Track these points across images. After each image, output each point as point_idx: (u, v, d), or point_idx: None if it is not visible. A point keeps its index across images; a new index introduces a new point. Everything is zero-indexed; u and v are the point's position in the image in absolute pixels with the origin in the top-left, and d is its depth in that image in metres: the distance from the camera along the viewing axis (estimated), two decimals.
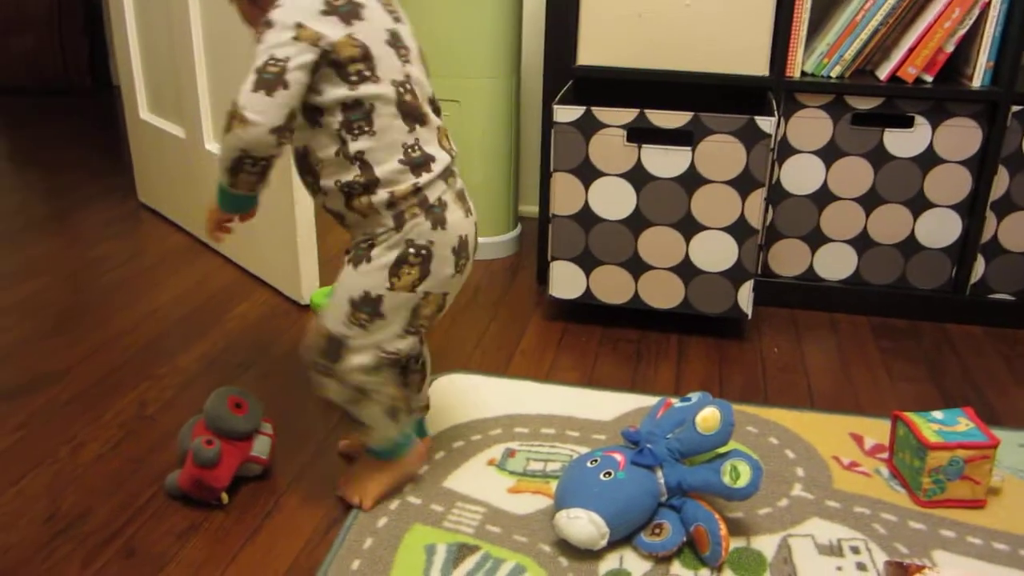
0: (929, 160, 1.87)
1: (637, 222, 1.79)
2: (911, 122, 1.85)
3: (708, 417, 1.24)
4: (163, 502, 1.31)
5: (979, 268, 1.94)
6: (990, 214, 1.89)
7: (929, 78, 1.85)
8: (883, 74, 1.86)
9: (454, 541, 1.23)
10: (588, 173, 1.78)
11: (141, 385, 1.64)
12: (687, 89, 1.88)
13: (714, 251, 1.78)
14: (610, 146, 1.75)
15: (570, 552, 1.21)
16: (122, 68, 2.53)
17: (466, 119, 2.15)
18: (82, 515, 1.28)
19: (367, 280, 1.17)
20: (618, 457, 1.25)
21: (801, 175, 1.93)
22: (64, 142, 3.32)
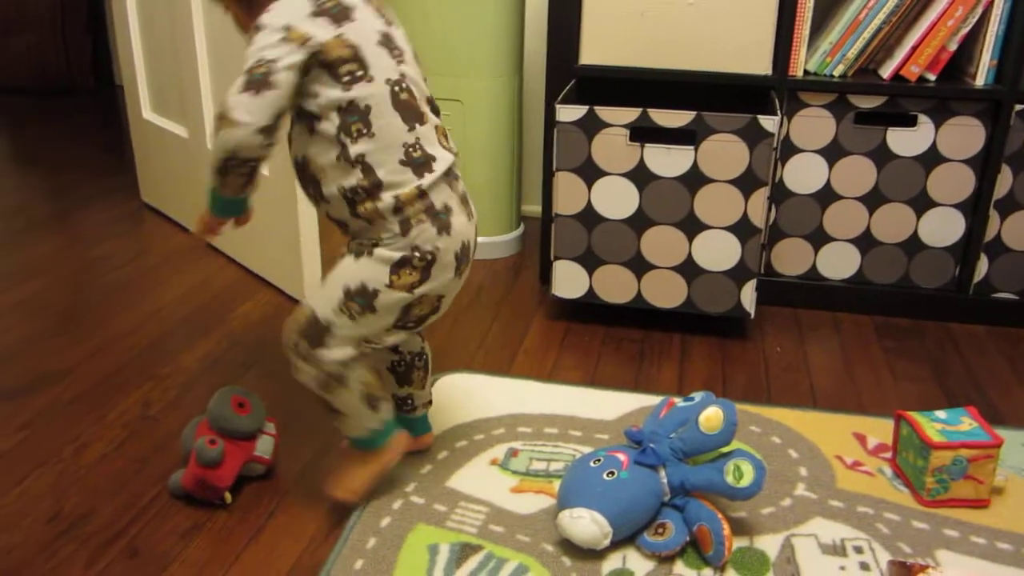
0: (932, 159, 1.87)
1: (640, 221, 1.79)
2: (914, 121, 1.85)
3: (711, 416, 1.24)
4: (166, 502, 1.31)
5: (982, 267, 1.93)
6: (993, 213, 1.89)
7: (932, 77, 1.85)
8: (886, 73, 1.86)
9: (457, 541, 1.23)
10: (591, 172, 1.78)
11: (144, 385, 1.64)
12: (690, 88, 1.88)
13: (717, 250, 1.78)
14: (613, 145, 1.75)
15: (573, 552, 1.21)
16: (125, 68, 2.53)
17: (468, 119, 2.15)
18: (85, 515, 1.28)
19: (367, 272, 1.16)
20: (621, 457, 1.25)
21: (804, 174, 1.93)
22: (67, 142, 3.33)
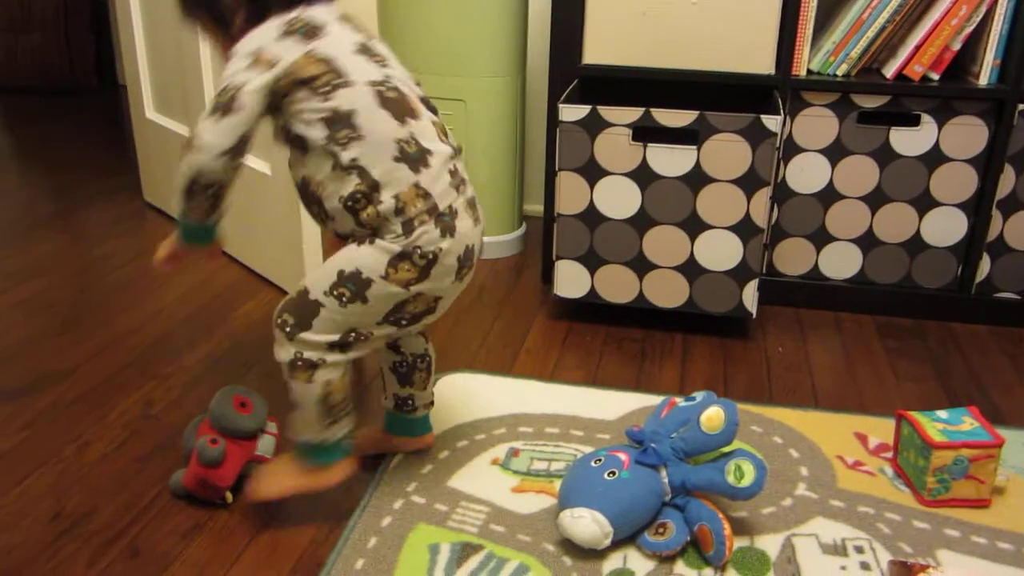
0: (935, 158, 1.87)
1: (642, 221, 1.79)
2: (917, 120, 1.85)
3: (712, 416, 1.24)
4: (168, 501, 1.31)
5: (985, 267, 1.93)
6: (996, 213, 1.88)
7: (936, 76, 1.85)
8: (889, 72, 1.85)
9: (458, 540, 1.23)
10: (593, 172, 1.78)
11: (146, 384, 1.64)
12: (693, 88, 1.88)
13: (719, 250, 1.78)
14: (615, 145, 1.75)
15: (574, 551, 1.21)
16: (128, 67, 2.53)
17: (471, 118, 2.15)
18: (87, 514, 1.28)
19: (364, 260, 1.14)
20: (622, 456, 1.25)
21: (806, 174, 1.93)
22: (70, 141, 3.33)
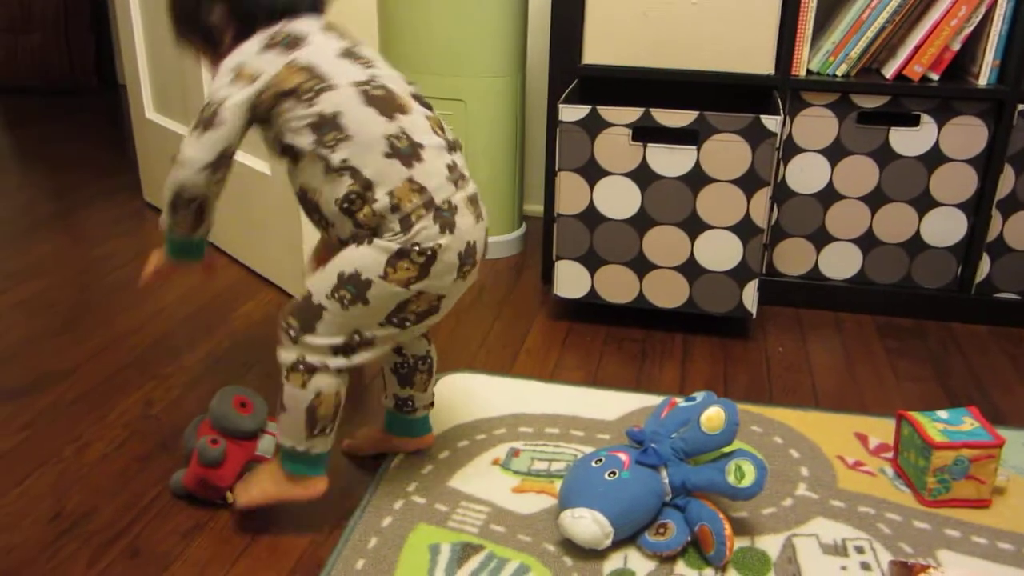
0: (935, 159, 1.87)
1: (642, 221, 1.79)
2: (917, 121, 1.85)
3: (712, 416, 1.24)
4: (168, 501, 1.31)
5: (984, 267, 1.93)
6: (996, 213, 1.89)
7: (935, 76, 1.85)
8: (889, 72, 1.86)
9: (458, 540, 1.23)
10: (593, 172, 1.78)
11: (146, 384, 1.64)
12: (692, 88, 1.88)
13: (719, 250, 1.78)
14: (615, 145, 1.75)
15: (574, 552, 1.21)
16: (128, 67, 2.53)
17: (471, 118, 2.15)
18: (87, 514, 1.28)
19: (362, 260, 1.13)
20: (622, 456, 1.25)
21: (806, 174, 1.93)
22: (69, 141, 3.33)
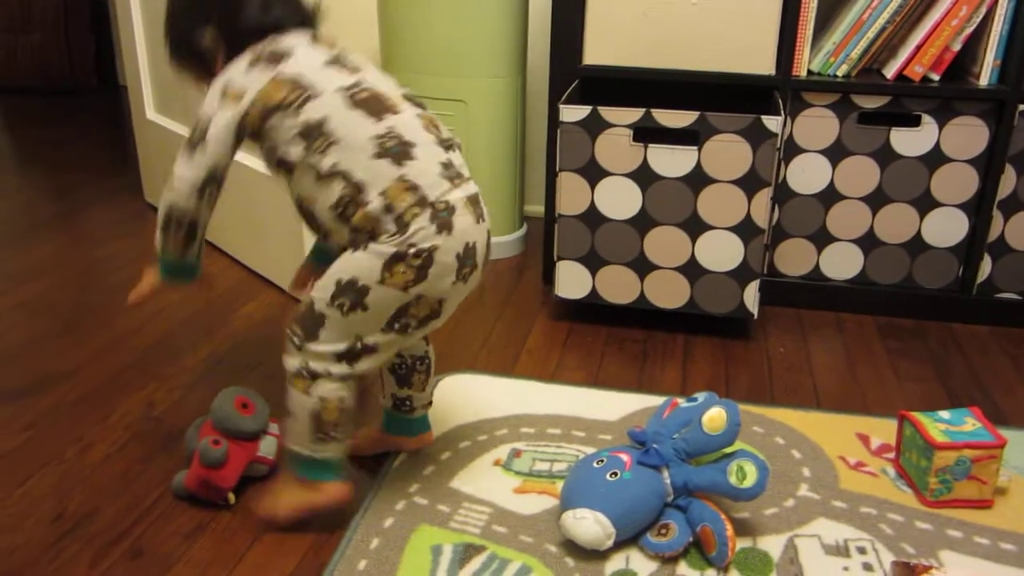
0: (936, 159, 1.87)
1: (643, 222, 1.79)
2: (918, 121, 1.85)
3: (714, 417, 1.24)
4: (170, 502, 1.32)
5: (986, 267, 1.93)
6: (997, 213, 1.89)
7: (936, 77, 1.85)
8: (890, 73, 1.86)
9: (460, 541, 1.23)
10: (594, 173, 1.78)
11: (148, 386, 1.64)
12: (693, 88, 1.88)
13: (720, 251, 1.78)
14: (616, 146, 1.75)
15: (576, 552, 1.21)
16: (129, 68, 2.53)
17: (472, 119, 2.15)
18: (89, 515, 1.29)
19: (359, 267, 1.12)
20: (624, 457, 1.25)
21: (807, 174, 1.93)
22: (70, 142, 3.33)
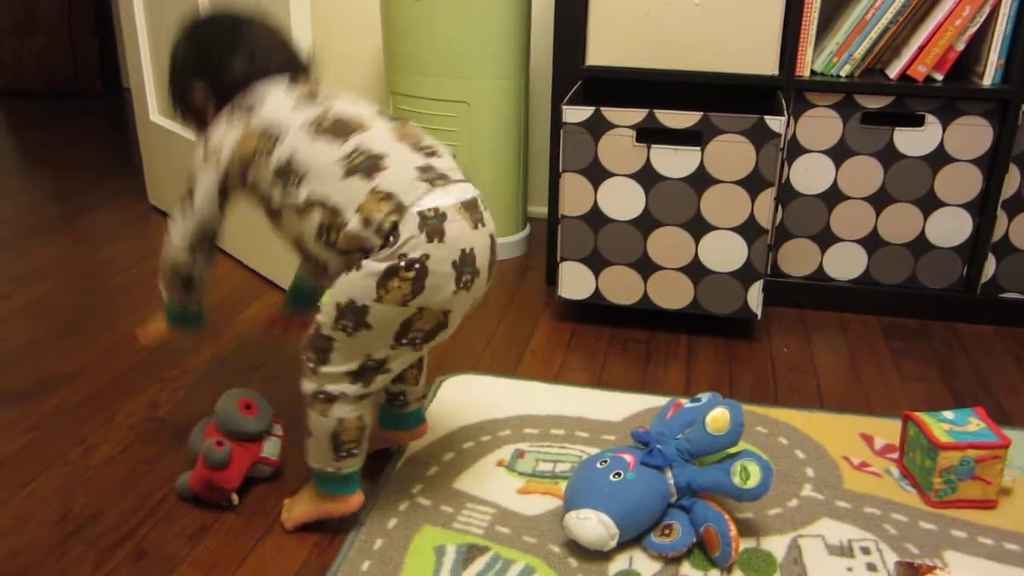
0: (939, 159, 1.87)
1: (646, 222, 1.79)
2: (921, 121, 1.85)
3: (718, 417, 1.24)
4: (174, 503, 1.32)
5: (990, 267, 1.93)
6: (1001, 213, 1.88)
7: (939, 76, 1.85)
8: (893, 73, 1.85)
9: (464, 542, 1.23)
10: (597, 173, 1.78)
11: (152, 387, 1.64)
12: (696, 89, 1.88)
13: (723, 251, 1.78)
14: (619, 146, 1.75)
15: (580, 553, 1.21)
16: (132, 70, 2.54)
17: (475, 120, 2.15)
18: (93, 517, 1.29)
19: (354, 287, 1.10)
20: (628, 458, 1.25)
21: (811, 174, 1.93)
22: (74, 144, 3.34)
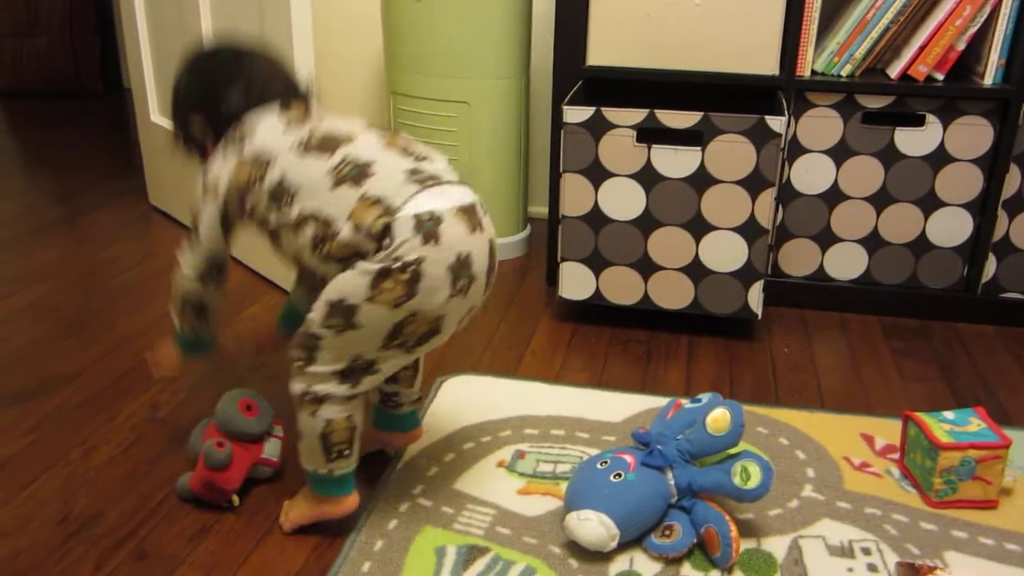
0: (940, 159, 1.86)
1: (647, 223, 1.79)
2: (922, 121, 1.85)
3: (718, 418, 1.24)
4: (175, 504, 1.32)
5: (990, 267, 1.93)
6: (1001, 213, 1.88)
7: (940, 76, 1.85)
8: (894, 72, 1.85)
9: (464, 543, 1.23)
10: (598, 174, 1.78)
11: (152, 388, 1.64)
12: (697, 89, 1.88)
13: (724, 251, 1.78)
14: (620, 147, 1.75)
15: (580, 554, 1.21)
16: (133, 71, 2.54)
17: (475, 121, 2.15)
18: (94, 517, 1.29)
19: (346, 286, 1.09)
20: (628, 458, 1.25)
21: (811, 174, 1.93)
22: (75, 145, 3.34)
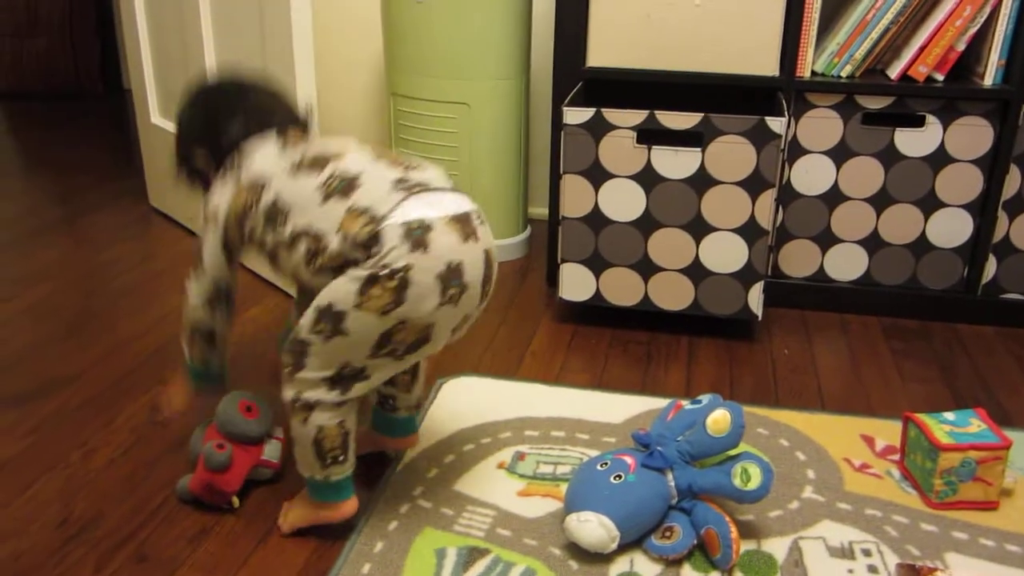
0: (940, 159, 1.86)
1: (647, 224, 1.79)
2: (922, 121, 1.85)
3: (718, 419, 1.24)
4: (174, 506, 1.32)
5: (991, 268, 1.93)
6: (1002, 213, 1.88)
7: (940, 77, 1.85)
8: (894, 73, 1.85)
9: (464, 545, 1.23)
10: (598, 175, 1.78)
11: (152, 389, 1.64)
12: (697, 90, 1.88)
13: (724, 252, 1.78)
14: (620, 148, 1.75)
15: (580, 555, 1.21)
16: (133, 72, 2.54)
17: (475, 122, 2.15)
18: (94, 520, 1.29)
19: (335, 292, 1.09)
20: (628, 460, 1.24)
21: (811, 175, 1.93)
22: (75, 146, 3.34)
